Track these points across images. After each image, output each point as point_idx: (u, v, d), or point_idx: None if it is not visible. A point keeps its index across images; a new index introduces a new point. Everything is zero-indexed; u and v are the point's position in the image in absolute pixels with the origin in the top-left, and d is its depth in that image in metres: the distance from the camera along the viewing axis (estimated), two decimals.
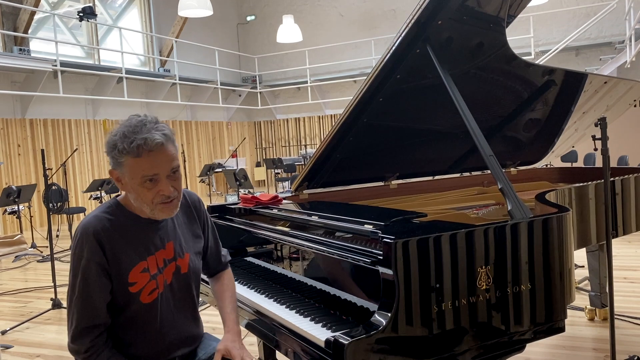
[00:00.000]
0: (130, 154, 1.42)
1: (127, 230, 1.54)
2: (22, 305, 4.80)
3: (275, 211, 2.11)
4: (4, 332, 3.95)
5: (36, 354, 3.52)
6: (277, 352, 2.28)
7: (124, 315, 1.52)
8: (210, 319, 3.60)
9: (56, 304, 4.44)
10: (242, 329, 1.91)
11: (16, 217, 7.72)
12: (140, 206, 1.52)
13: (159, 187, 1.47)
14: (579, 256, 4.32)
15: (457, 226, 1.48)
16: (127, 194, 1.55)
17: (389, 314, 1.29)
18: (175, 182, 1.51)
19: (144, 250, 1.55)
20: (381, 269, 1.34)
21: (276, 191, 13.65)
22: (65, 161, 8.74)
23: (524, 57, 2.38)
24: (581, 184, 2.46)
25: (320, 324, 1.48)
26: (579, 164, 7.82)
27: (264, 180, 16.07)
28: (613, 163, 6.62)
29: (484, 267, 1.44)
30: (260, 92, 15.99)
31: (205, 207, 1.80)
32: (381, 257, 1.36)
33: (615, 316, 3.39)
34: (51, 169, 5.58)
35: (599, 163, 2.27)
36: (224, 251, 1.84)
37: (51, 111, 10.96)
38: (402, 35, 1.86)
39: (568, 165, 7.66)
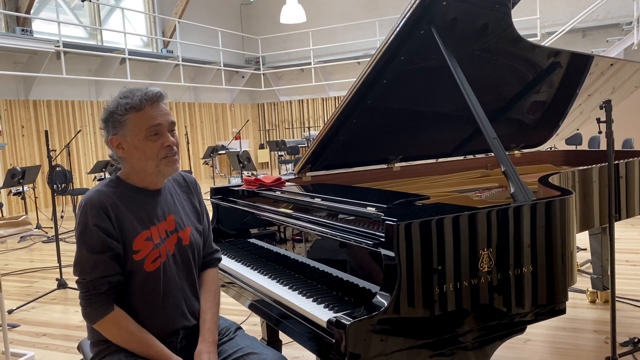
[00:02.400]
0: (134, 109, 1.51)
1: (130, 200, 1.57)
2: (27, 285, 4.85)
3: (278, 193, 2.11)
4: (10, 312, 3.99)
5: (42, 333, 3.57)
6: (280, 332, 2.30)
7: (128, 284, 1.54)
8: None
9: (61, 284, 4.48)
10: (246, 309, 1.93)
11: (21, 198, 7.77)
12: (145, 166, 1.56)
13: (163, 139, 1.54)
14: (582, 239, 4.33)
15: (460, 209, 1.48)
16: (126, 164, 1.59)
17: (391, 296, 1.30)
18: (175, 139, 1.58)
19: (147, 220, 1.58)
20: (383, 251, 1.35)
21: (279, 173, 13.66)
22: (69, 142, 8.74)
23: (530, 39, 2.35)
24: (584, 167, 2.45)
25: (323, 304, 1.49)
26: (584, 147, 7.78)
27: (268, 163, 16.07)
28: (618, 146, 6.61)
29: (486, 249, 1.44)
30: (263, 74, 15.91)
31: (201, 190, 1.82)
32: (383, 239, 1.36)
33: (617, 298, 3.41)
34: (55, 150, 5.59)
35: (603, 146, 2.26)
36: (216, 247, 1.83)
37: (54, 92, 10.94)
38: (407, 15, 1.84)
39: (572, 148, 7.63)
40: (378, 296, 1.33)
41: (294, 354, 2.76)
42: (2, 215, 7.95)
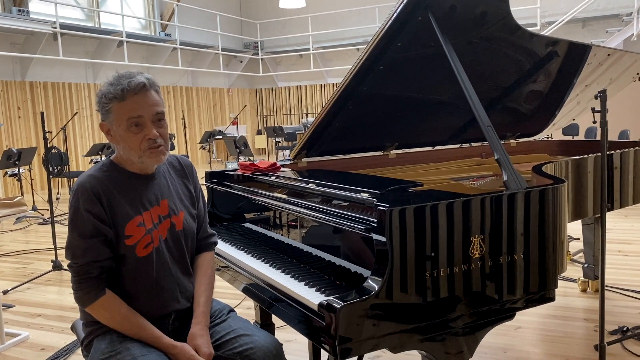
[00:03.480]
0: (116, 99, 1.50)
1: (123, 185, 1.57)
2: (23, 266, 4.86)
3: (273, 178, 2.12)
4: (5, 292, 4.01)
5: (37, 314, 3.59)
6: (273, 316, 2.32)
7: (120, 268, 1.55)
8: None
9: (57, 266, 4.50)
10: (240, 293, 1.95)
11: (17, 180, 7.76)
12: (129, 155, 1.55)
13: (145, 131, 1.52)
14: (575, 229, 4.36)
15: (451, 195, 1.49)
16: (118, 150, 1.59)
17: (382, 280, 1.31)
18: (160, 130, 1.55)
19: (140, 205, 1.58)
20: (375, 236, 1.36)
21: (276, 159, 13.66)
22: (65, 125, 8.72)
23: (530, 28, 2.35)
24: (577, 157, 2.47)
25: (315, 288, 1.51)
26: (580, 137, 7.80)
27: (265, 149, 16.06)
28: (614, 137, 6.62)
29: (477, 236, 1.46)
30: (262, 59, 15.83)
31: (197, 174, 1.82)
32: (375, 225, 1.37)
33: (607, 288, 3.44)
34: (51, 132, 5.57)
35: (599, 137, 2.27)
36: (211, 231, 1.84)
37: (51, 74, 10.87)
38: (404, 1, 1.83)
39: (569, 138, 7.65)
40: (369, 280, 1.34)
41: (287, 337, 2.78)
42: None
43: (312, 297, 1.45)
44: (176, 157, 1.77)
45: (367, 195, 1.55)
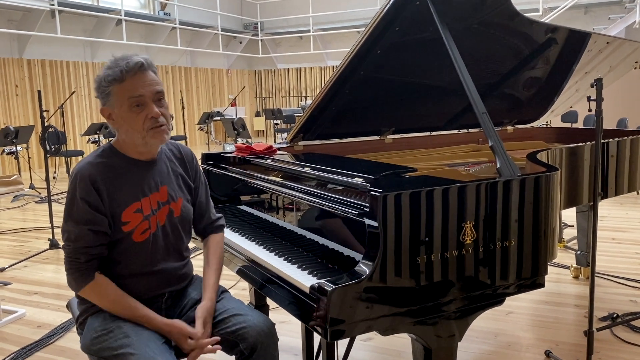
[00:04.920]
0: (116, 81, 1.50)
1: (122, 172, 1.57)
2: (20, 244, 4.89)
3: (268, 161, 2.13)
4: (2, 270, 4.04)
5: (34, 291, 3.62)
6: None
7: (116, 252, 1.57)
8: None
9: (53, 244, 4.53)
10: (234, 274, 1.97)
11: (14, 158, 7.75)
12: (132, 137, 1.55)
13: (147, 110, 1.52)
14: (569, 216, 4.38)
15: (444, 181, 1.50)
16: (119, 134, 1.59)
17: (373, 264, 1.33)
18: (162, 109, 1.55)
19: (139, 191, 1.59)
20: (367, 221, 1.37)
21: (275, 142, 13.63)
22: (62, 104, 8.67)
23: (532, 14, 2.34)
24: (572, 145, 2.47)
25: (307, 271, 1.52)
26: (579, 124, 7.79)
27: (263, 131, 16.02)
28: (612, 125, 6.62)
29: (469, 222, 1.47)
30: (261, 40, 15.71)
31: (199, 163, 1.82)
32: (368, 210, 1.38)
33: (599, 275, 3.48)
34: (48, 111, 5.55)
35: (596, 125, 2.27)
36: (218, 215, 1.85)
37: (49, 52, 10.79)
38: None
39: (568, 125, 7.64)
40: (360, 264, 1.36)
41: (281, 318, 2.82)
42: None
43: (304, 279, 1.46)
44: (177, 145, 1.77)
45: (361, 180, 1.56)
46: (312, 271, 1.52)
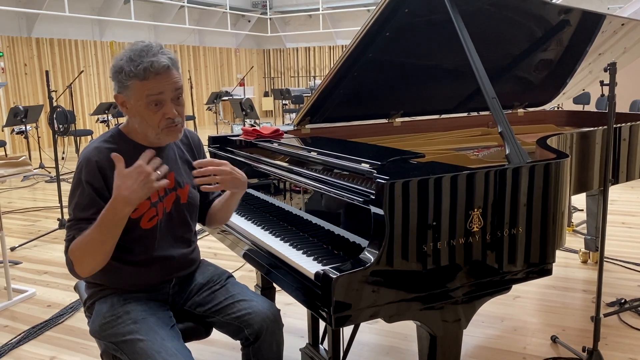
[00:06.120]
0: (137, 77, 1.44)
1: (130, 158, 1.55)
2: (30, 223, 4.93)
3: (275, 145, 2.11)
4: (13, 249, 4.09)
5: (44, 271, 3.66)
6: None
7: (123, 240, 1.56)
8: (211, 244, 3.70)
9: (63, 224, 4.56)
10: (240, 258, 1.97)
11: (24, 137, 7.79)
12: (145, 130, 1.53)
13: (164, 110, 1.48)
14: (579, 199, 4.35)
15: (451, 168, 1.48)
16: (130, 120, 1.57)
17: (378, 252, 1.32)
18: (179, 107, 1.53)
19: None
20: (373, 209, 1.36)
21: (283, 122, 13.57)
22: (71, 83, 8.67)
23: None
24: (583, 130, 2.44)
25: (312, 257, 1.52)
26: (591, 106, 7.67)
27: (272, 111, 15.96)
28: (626, 106, 6.50)
29: (476, 209, 1.45)
30: (270, 19, 15.56)
31: (204, 149, 1.81)
32: (374, 197, 1.37)
33: (608, 260, 3.46)
34: (56, 91, 5.54)
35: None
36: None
37: (57, 31, 10.76)
38: None
39: (580, 107, 7.53)
40: (366, 252, 1.35)
41: (288, 300, 2.83)
42: (6, 154, 7.99)
43: (309, 266, 1.46)
44: (185, 131, 1.74)
45: (367, 165, 1.54)
46: (317, 257, 1.51)
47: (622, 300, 2.82)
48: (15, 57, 10.02)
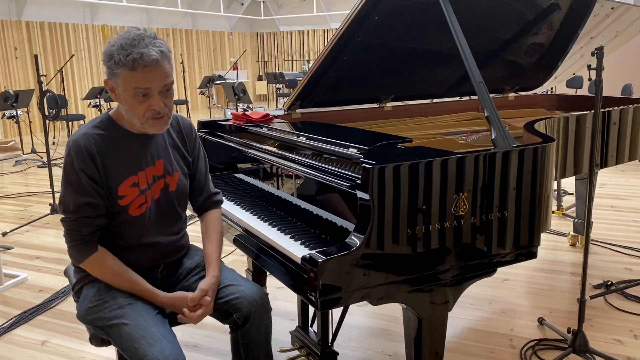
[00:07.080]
0: (126, 67, 1.43)
1: (118, 144, 1.55)
2: (22, 208, 4.92)
3: (265, 130, 2.11)
4: (4, 234, 4.08)
5: (36, 256, 3.66)
6: None
7: (112, 225, 1.57)
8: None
9: (55, 209, 4.56)
10: (230, 243, 1.98)
11: (15, 122, 7.73)
12: (131, 118, 1.53)
13: (151, 101, 1.48)
14: (569, 183, 4.38)
15: (438, 153, 1.49)
16: (119, 106, 1.57)
17: (363, 236, 1.33)
18: (166, 99, 1.52)
19: (135, 165, 1.57)
20: (359, 193, 1.37)
21: (277, 106, 13.52)
22: (62, 67, 8.58)
23: None
24: (573, 113, 2.44)
25: (300, 241, 1.53)
26: (584, 90, 7.69)
27: (265, 95, 15.88)
28: (617, 90, 6.52)
29: (461, 194, 1.46)
30: (263, 1, 15.40)
31: (198, 135, 1.80)
32: (360, 182, 1.38)
33: (595, 243, 3.49)
34: (45, 76, 5.49)
35: (604, 91, 2.24)
36: (216, 190, 1.84)
37: (48, 14, 10.62)
38: None
39: (573, 91, 7.54)
40: (352, 236, 1.36)
41: (278, 284, 2.85)
42: None
43: (297, 250, 1.47)
44: (176, 117, 1.73)
45: (355, 150, 1.55)
46: (304, 242, 1.52)
47: (609, 283, 2.86)
48: (5, 41, 9.89)
